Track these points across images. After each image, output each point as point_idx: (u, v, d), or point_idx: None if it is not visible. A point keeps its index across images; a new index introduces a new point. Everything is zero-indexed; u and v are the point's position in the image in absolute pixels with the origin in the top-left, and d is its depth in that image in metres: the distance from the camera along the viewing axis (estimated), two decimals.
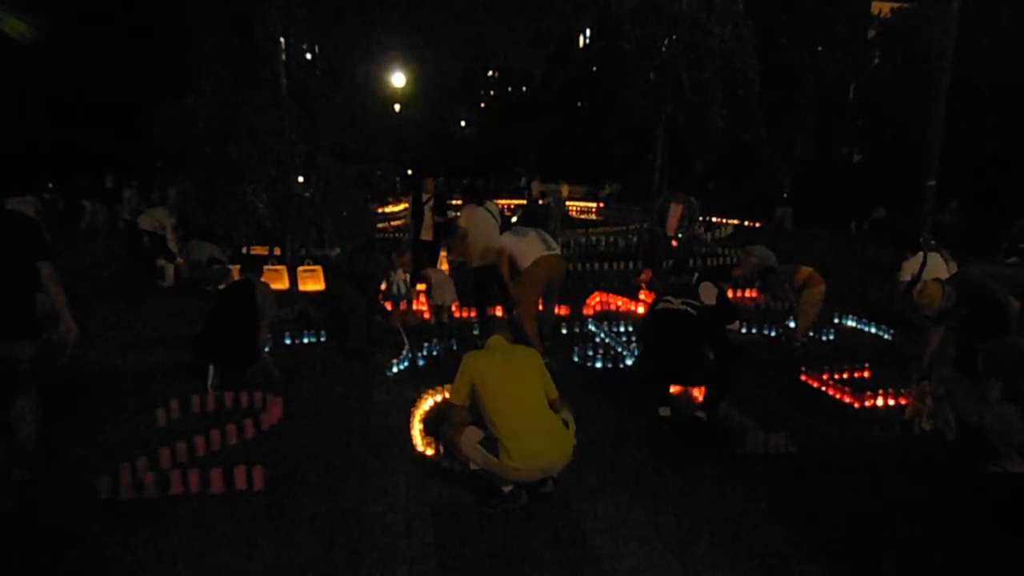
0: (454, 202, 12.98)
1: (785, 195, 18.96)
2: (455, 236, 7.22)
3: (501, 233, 6.55)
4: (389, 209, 18.18)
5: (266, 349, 5.39)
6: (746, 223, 17.58)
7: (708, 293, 5.88)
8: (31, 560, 2.98)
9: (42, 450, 3.66)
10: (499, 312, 6.70)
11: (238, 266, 6.95)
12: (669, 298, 4.97)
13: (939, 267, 6.51)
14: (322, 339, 6.47)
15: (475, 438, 3.38)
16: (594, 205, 23.18)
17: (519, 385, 3.45)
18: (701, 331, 4.77)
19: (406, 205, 14.52)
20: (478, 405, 3.45)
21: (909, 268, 6.51)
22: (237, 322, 5.01)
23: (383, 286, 7.64)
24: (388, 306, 7.44)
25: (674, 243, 9.42)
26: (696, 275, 6.61)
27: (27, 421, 3.52)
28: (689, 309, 4.80)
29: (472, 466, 3.46)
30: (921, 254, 6.48)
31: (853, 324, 7.33)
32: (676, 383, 4.87)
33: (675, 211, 9.25)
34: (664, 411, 4.54)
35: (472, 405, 3.49)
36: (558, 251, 5.95)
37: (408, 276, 8.27)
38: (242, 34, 9.85)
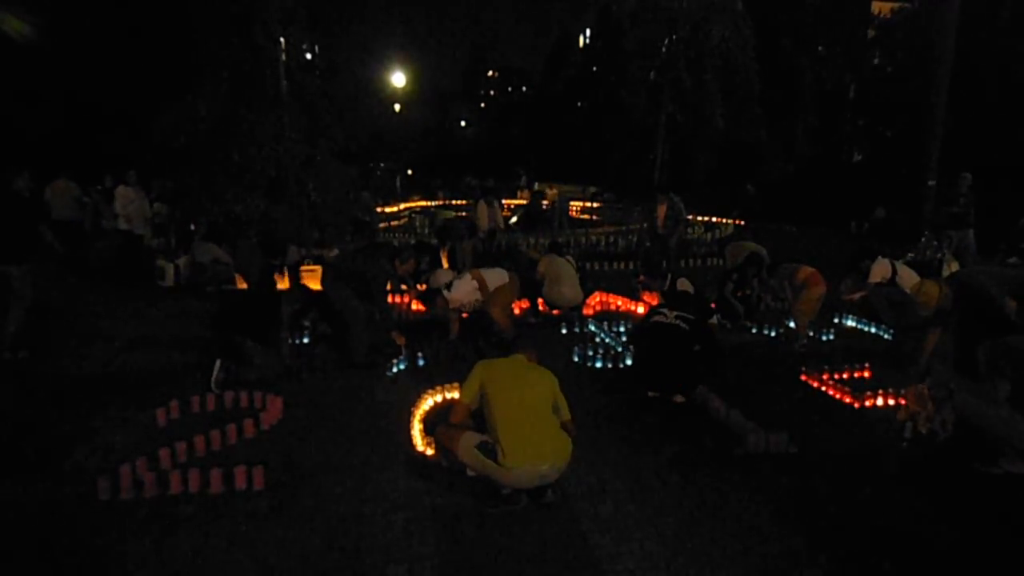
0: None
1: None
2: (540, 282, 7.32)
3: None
4: (389, 209, 18.17)
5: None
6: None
7: (684, 286, 6.70)
8: (31, 560, 2.98)
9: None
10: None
11: (240, 275, 6.96)
12: (664, 311, 5.14)
13: (909, 277, 6.50)
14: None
15: (472, 442, 3.39)
16: (593, 204, 23.13)
17: (526, 392, 3.47)
18: (691, 345, 4.93)
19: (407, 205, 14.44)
20: (483, 408, 3.47)
21: (878, 272, 6.53)
22: (256, 295, 5.42)
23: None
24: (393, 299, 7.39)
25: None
26: (670, 276, 7.29)
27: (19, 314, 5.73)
28: (681, 324, 4.96)
29: (469, 472, 3.47)
30: (883, 259, 6.53)
31: (853, 324, 7.33)
32: (662, 392, 4.97)
33: (660, 210, 9.66)
34: (652, 393, 4.96)
35: (476, 411, 3.52)
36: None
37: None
38: (242, 34, 9.84)
